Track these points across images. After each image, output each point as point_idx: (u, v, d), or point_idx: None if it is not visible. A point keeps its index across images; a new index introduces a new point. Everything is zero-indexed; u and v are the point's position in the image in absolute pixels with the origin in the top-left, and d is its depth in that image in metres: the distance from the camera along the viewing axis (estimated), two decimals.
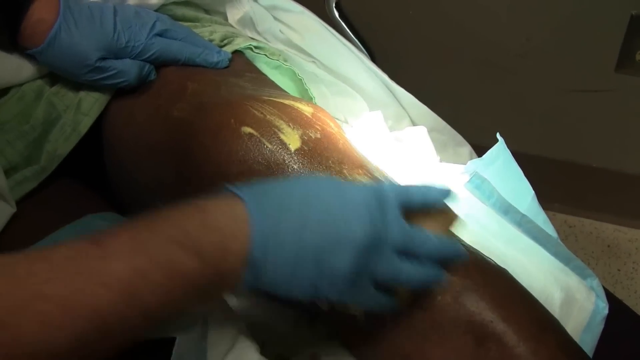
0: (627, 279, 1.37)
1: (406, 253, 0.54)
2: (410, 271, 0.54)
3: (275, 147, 0.62)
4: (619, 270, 1.38)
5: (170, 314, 0.48)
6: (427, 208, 0.57)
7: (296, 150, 0.63)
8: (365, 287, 0.53)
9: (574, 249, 1.39)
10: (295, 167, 0.62)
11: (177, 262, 0.46)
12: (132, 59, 0.72)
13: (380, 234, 0.52)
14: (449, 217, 0.60)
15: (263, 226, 0.49)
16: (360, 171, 0.63)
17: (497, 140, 0.74)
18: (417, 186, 0.56)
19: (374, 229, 0.51)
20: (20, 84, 0.75)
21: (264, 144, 0.63)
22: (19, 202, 0.72)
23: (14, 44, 0.70)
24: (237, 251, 0.48)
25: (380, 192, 0.53)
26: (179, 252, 0.46)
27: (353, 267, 0.51)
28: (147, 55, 0.72)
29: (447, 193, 0.57)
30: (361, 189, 0.53)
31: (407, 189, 0.55)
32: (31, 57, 0.72)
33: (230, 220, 0.49)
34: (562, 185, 1.35)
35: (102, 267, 0.44)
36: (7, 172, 0.71)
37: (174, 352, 0.51)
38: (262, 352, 0.68)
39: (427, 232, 0.56)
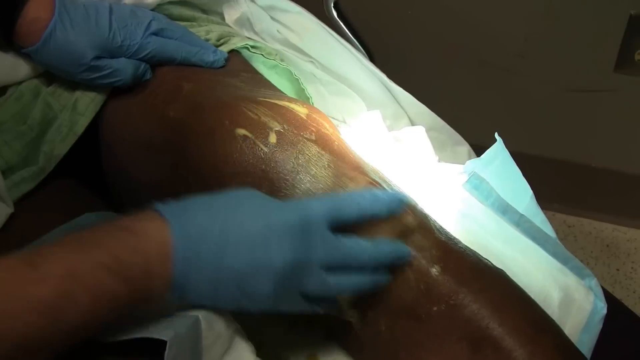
0: (626, 278, 1.37)
1: (337, 266, 0.55)
2: (341, 283, 0.55)
3: (269, 149, 0.62)
4: (617, 270, 1.38)
5: (93, 332, 0.50)
6: (373, 219, 0.58)
7: None
8: (294, 302, 0.55)
9: (573, 248, 1.39)
10: (288, 168, 0.62)
11: (105, 286, 0.48)
12: (128, 58, 0.72)
13: (302, 257, 0.53)
14: (400, 222, 0.60)
15: (185, 250, 0.51)
16: (355, 172, 0.63)
17: (495, 140, 0.74)
18: (350, 198, 0.57)
19: (295, 255, 0.52)
20: (17, 83, 0.74)
21: (258, 146, 0.62)
22: (16, 203, 0.72)
23: (9, 42, 0.69)
24: (162, 275, 0.50)
25: (306, 212, 0.54)
26: (107, 277, 0.48)
27: (273, 292, 0.53)
28: (142, 55, 0.72)
29: (391, 202, 0.58)
30: (286, 211, 0.54)
31: (338, 203, 0.56)
32: (27, 56, 0.72)
33: (156, 244, 0.50)
34: (562, 185, 1.35)
35: (33, 291, 0.45)
36: (5, 173, 0.71)
37: (165, 355, 0.51)
38: (260, 353, 0.68)
39: (360, 241, 0.56)
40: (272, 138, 0.62)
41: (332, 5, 1.00)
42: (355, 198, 0.57)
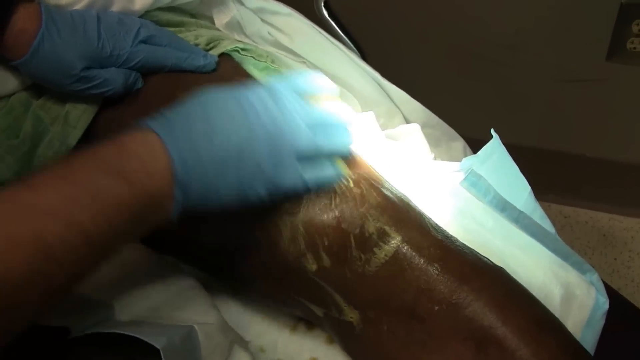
0: (623, 267, 1.37)
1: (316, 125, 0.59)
2: (329, 140, 0.60)
3: None
4: (615, 259, 1.38)
5: (112, 240, 0.50)
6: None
7: None
8: (292, 168, 0.57)
9: (569, 239, 1.39)
10: None
11: (105, 186, 0.49)
12: (118, 67, 0.71)
13: (282, 122, 0.57)
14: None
15: (178, 146, 0.53)
16: (353, 171, 0.63)
17: (489, 133, 0.73)
18: (298, 75, 0.62)
19: (274, 121, 0.56)
20: (6, 96, 0.73)
21: None
22: None
23: None
24: (162, 172, 0.52)
25: (272, 87, 0.59)
26: (105, 178, 0.49)
27: (269, 155, 0.56)
28: (132, 63, 0.71)
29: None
30: (254, 90, 0.58)
31: (292, 79, 0.61)
32: (15, 69, 0.70)
33: (147, 147, 0.53)
34: (557, 175, 1.36)
35: (36, 201, 0.46)
36: None
37: None
38: (262, 357, 0.68)
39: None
40: None
41: (322, 4, 0.99)
42: (299, 75, 0.63)
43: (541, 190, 0.74)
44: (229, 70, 0.77)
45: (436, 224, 0.64)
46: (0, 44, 0.66)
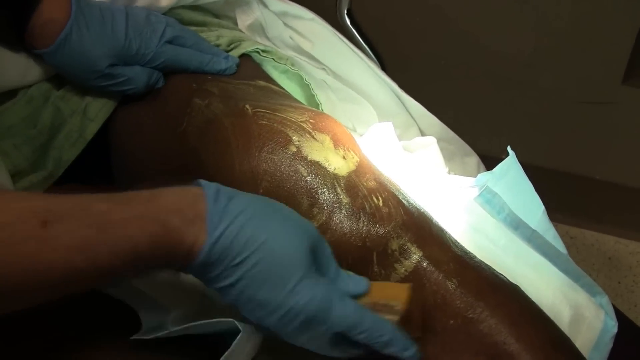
0: (627, 291, 1.37)
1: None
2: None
3: (286, 157, 0.62)
4: (619, 282, 1.38)
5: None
6: None
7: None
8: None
9: (575, 260, 1.38)
10: (305, 174, 0.61)
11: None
12: (142, 66, 0.71)
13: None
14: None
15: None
16: (368, 176, 0.63)
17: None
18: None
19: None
20: (27, 86, 0.73)
21: (275, 155, 0.62)
22: None
23: (22, 42, 0.67)
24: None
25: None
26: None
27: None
28: (156, 63, 0.71)
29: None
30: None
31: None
32: (38, 58, 0.70)
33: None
34: (565, 196, 1.35)
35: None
36: (13, 177, 0.69)
37: (239, 337, 0.51)
38: None
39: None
40: (292, 148, 0.62)
41: (345, 12, 0.99)
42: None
43: (549, 209, 0.74)
44: (248, 72, 0.77)
45: (455, 240, 0.64)
46: (26, 32, 0.66)
